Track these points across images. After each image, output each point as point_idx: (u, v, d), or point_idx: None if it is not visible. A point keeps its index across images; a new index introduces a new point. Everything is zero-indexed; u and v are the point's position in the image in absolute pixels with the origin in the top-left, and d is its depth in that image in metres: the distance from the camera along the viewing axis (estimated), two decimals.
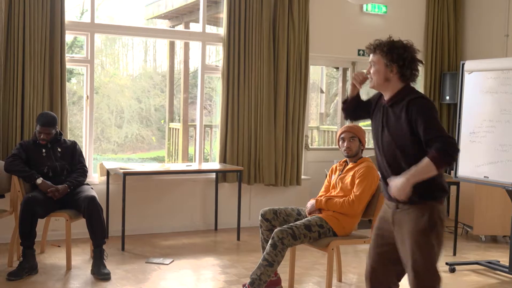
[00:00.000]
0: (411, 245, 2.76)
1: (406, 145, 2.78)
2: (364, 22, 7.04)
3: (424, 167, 2.63)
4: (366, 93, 3.57)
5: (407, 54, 2.82)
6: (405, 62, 2.82)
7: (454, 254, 5.45)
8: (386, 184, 2.86)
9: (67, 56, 5.60)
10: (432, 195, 2.80)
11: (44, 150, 4.73)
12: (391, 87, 2.86)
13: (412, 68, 2.84)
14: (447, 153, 2.62)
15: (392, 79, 2.84)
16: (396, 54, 2.81)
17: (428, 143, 2.67)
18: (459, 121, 5.12)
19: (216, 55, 10.65)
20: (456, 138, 5.12)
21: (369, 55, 2.92)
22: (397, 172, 2.78)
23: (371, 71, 2.89)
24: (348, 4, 6.82)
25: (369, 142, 10.05)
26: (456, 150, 2.65)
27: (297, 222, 3.91)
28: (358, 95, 3.13)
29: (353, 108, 3.15)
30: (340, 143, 4.17)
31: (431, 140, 2.66)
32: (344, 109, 3.18)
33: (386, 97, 2.90)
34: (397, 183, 2.68)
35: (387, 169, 2.89)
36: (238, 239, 5.81)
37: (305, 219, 4.02)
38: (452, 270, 4.88)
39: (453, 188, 6.28)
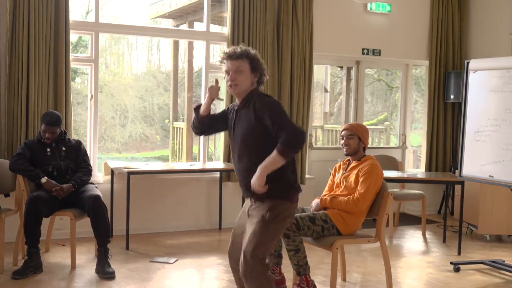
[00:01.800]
0: (249, 231, 3.02)
1: (256, 142, 3.00)
2: (368, 21, 7.02)
3: (273, 159, 2.87)
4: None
5: (260, 61, 3.10)
6: (262, 67, 3.11)
7: (459, 253, 5.44)
8: (243, 186, 3.09)
9: (72, 55, 5.61)
10: (279, 194, 3.03)
11: (48, 149, 4.74)
12: (248, 91, 3.07)
13: (265, 73, 3.13)
14: (291, 144, 2.86)
15: (254, 83, 3.09)
16: (258, 61, 3.08)
17: (277, 134, 2.89)
18: (463, 120, 5.10)
19: (220, 54, 10.63)
20: (461, 137, 5.11)
21: (228, 63, 3.07)
22: (252, 171, 2.93)
23: (239, 78, 3.04)
24: (352, 3, 6.80)
25: (372, 141, 10.04)
26: (300, 139, 2.88)
27: (302, 214, 3.95)
28: (209, 112, 3.25)
29: (209, 124, 3.27)
30: (341, 141, 4.24)
31: (278, 132, 2.89)
32: (200, 126, 3.27)
33: (239, 101, 3.11)
34: (254, 178, 2.90)
35: (243, 170, 3.08)
36: None
37: (311, 212, 4.08)
38: (457, 270, 4.87)
39: (457, 188, 6.27)
